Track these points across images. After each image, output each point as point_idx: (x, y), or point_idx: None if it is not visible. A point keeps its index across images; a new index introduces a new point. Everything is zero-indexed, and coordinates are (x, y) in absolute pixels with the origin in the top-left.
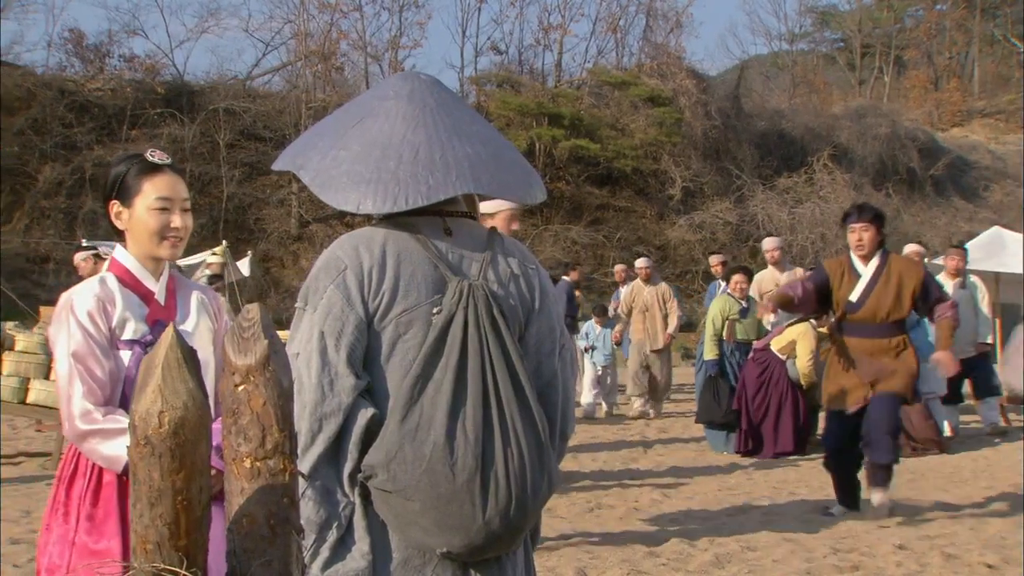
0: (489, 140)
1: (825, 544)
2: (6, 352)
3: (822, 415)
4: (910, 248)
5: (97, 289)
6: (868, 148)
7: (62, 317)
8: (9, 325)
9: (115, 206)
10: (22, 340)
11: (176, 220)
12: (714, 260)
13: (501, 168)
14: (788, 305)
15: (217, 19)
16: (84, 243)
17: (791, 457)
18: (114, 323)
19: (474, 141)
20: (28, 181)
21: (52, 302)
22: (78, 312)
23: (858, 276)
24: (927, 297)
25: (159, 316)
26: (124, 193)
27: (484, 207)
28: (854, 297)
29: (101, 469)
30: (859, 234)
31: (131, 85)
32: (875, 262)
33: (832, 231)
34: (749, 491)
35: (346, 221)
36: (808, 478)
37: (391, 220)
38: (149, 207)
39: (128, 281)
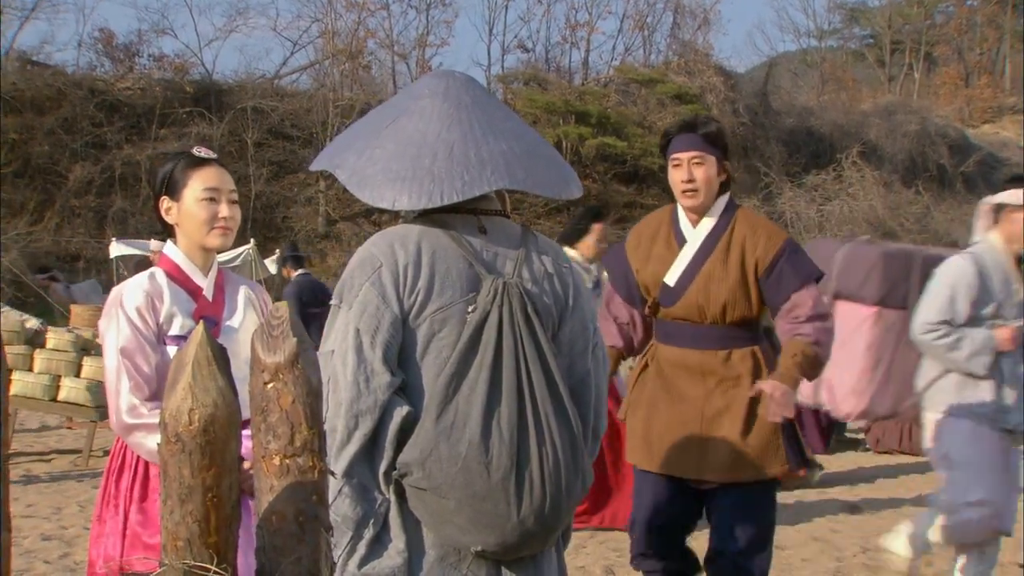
0: (523, 136)
1: (855, 543)
2: (37, 350)
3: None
4: None
5: (146, 284)
6: (898, 145)
7: (112, 312)
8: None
9: (165, 202)
10: (53, 338)
11: (224, 210)
12: None
13: (536, 164)
14: (619, 359)
15: (245, 18)
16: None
17: (820, 456)
18: (162, 318)
19: (508, 138)
20: (59, 180)
21: (83, 300)
22: (127, 308)
23: (681, 243)
24: (777, 285)
25: (207, 312)
26: (172, 188)
27: (1009, 197)
28: (671, 278)
29: (147, 463)
30: (687, 169)
31: (160, 84)
32: (710, 222)
33: (861, 228)
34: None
35: (373, 220)
36: (837, 477)
37: (425, 218)
38: (197, 198)
39: (177, 277)
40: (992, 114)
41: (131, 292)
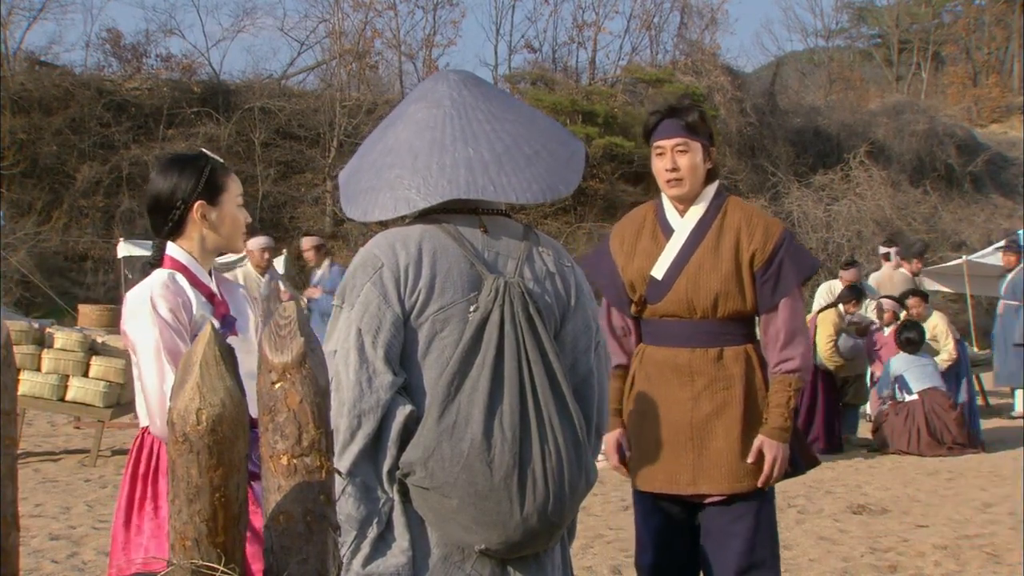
0: (502, 137)
1: (862, 543)
2: (45, 350)
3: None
4: None
5: (172, 285)
6: (905, 145)
7: (143, 316)
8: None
9: (202, 207)
10: (61, 338)
11: (247, 214)
12: None
13: (505, 168)
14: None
15: (252, 18)
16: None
17: (826, 456)
18: (194, 317)
19: (479, 142)
20: (66, 180)
21: (90, 300)
22: (161, 310)
23: (668, 234)
24: (775, 281)
25: (222, 311)
26: (213, 192)
27: None
28: (659, 271)
29: None
30: (671, 157)
31: (168, 84)
32: (699, 210)
33: (869, 228)
34: (784, 490)
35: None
36: (844, 477)
37: (427, 218)
38: (237, 203)
39: (191, 279)
40: (1000, 114)
41: (160, 295)
